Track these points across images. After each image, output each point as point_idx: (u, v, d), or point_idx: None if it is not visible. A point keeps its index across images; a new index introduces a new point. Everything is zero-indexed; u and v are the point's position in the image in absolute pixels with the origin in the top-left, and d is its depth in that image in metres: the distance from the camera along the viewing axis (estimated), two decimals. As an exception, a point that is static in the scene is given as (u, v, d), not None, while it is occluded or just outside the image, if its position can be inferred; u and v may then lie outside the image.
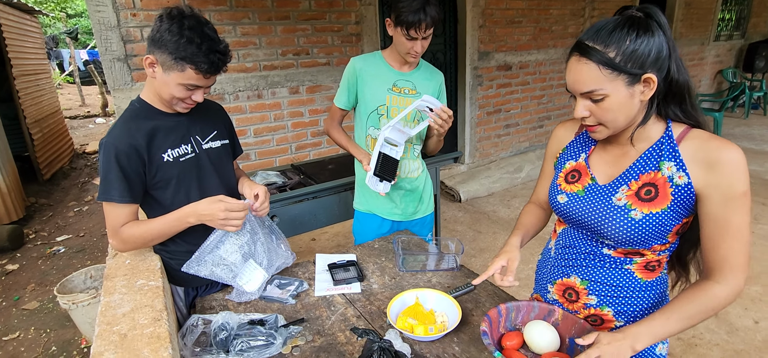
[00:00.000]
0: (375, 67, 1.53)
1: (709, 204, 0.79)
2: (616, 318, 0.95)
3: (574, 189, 0.95)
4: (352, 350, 0.99)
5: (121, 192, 1.07)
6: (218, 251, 1.19)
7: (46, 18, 12.20)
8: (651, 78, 0.77)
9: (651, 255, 0.88)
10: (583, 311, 0.98)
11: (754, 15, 7.10)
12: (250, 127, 3.14)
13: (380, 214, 1.65)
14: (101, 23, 2.49)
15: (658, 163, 0.84)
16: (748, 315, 2.27)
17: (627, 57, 0.76)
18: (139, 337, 0.86)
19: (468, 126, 4.36)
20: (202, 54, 1.02)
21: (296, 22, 3.09)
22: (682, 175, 0.81)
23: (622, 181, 0.88)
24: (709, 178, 0.78)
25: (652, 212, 0.82)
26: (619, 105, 0.79)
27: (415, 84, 1.54)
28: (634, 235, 0.85)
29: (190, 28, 1.01)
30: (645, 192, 0.84)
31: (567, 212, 0.95)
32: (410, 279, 1.29)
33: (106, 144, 1.07)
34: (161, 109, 1.16)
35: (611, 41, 0.76)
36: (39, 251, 3.50)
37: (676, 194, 0.81)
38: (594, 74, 0.78)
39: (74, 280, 2.32)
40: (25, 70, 5.04)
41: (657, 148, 0.84)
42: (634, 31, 0.76)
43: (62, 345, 2.36)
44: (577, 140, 1.00)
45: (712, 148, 0.79)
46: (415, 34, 1.37)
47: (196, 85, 1.08)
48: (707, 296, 0.81)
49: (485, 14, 4.04)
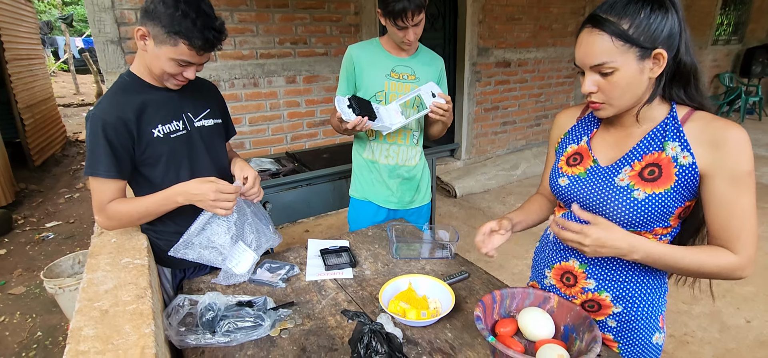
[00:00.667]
0: (372, 54, 1.51)
1: (714, 183, 0.78)
2: (614, 303, 0.93)
3: (575, 171, 0.93)
4: (342, 333, 0.97)
5: (108, 167, 1.04)
6: (206, 233, 1.16)
7: (41, 4, 12.04)
8: (662, 54, 0.76)
9: (652, 238, 0.87)
10: (581, 295, 0.96)
11: (752, 21, 7.14)
12: (246, 116, 3.10)
13: (376, 202, 1.63)
14: (95, 4, 2.44)
15: (662, 143, 0.83)
16: (740, 314, 2.27)
17: (641, 30, 0.75)
18: (121, 313, 0.84)
19: (465, 122, 4.35)
20: (197, 30, 0.99)
21: (294, 10, 3.06)
22: (686, 155, 0.80)
23: (625, 162, 0.86)
24: (715, 157, 0.78)
25: (656, 192, 0.81)
26: (628, 80, 0.78)
27: (415, 69, 1.51)
28: (637, 216, 0.83)
29: (186, 2, 0.98)
30: (649, 172, 0.83)
31: (568, 194, 0.93)
32: (403, 266, 1.27)
33: (93, 116, 1.03)
34: (152, 83, 1.12)
35: (626, 13, 0.75)
36: (27, 236, 3.44)
37: (681, 174, 0.80)
38: (606, 46, 0.76)
39: (62, 264, 2.27)
40: (18, 54, 4.96)
41: (661, 128, 0.83)
42: (649, 5, 0.75)
43: (48, 330, 2.32)
44: (578, 125, 0.99)
45: (717, 127, 0.78)
46: (403, 23, 1.35)
47: (188, 61, 1.04)
48: (724, 257, 0.79)
49: (485, 10, 4.02)
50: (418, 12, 1.33)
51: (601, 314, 0.96)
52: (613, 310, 0.94)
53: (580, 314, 0.89)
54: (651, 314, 0.93)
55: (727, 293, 2.43)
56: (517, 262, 2.83)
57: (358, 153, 1.63)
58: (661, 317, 0.96)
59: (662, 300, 0.95)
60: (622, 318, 0.94)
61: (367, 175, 1.62)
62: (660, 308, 0.95)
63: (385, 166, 1.58)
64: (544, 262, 1.04)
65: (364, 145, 1.60)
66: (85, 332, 0.78)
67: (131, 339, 0.76)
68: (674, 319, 2.24)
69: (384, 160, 1.57)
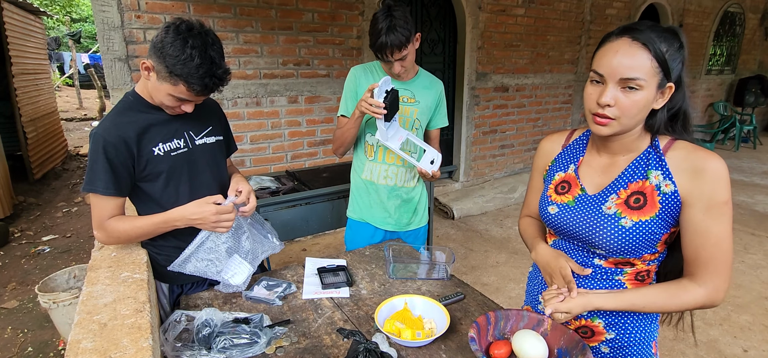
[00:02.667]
0: (374, 75, 1.56)
1: (691, 211, 0.80)
2: (607, 330, 0.94)
3: (564, 200, 0.95)
4: (337, 352, 0.97)
5: (106, 184, 1.06)
6: (203, 248, 1.17)
7: (50, 20, 12.29)
8: (671, 88, 0.79)
9: (641, 265, 0.89)
10: (574, 321, 0.97)
11: (743, 52, 7.33)
12: (247, 134, 3.14)
13: (373, 223, 1.64)
14: (105, 23, 2.51)
15: (646, 172, 0.85)
16: (737, 343, 2.26)
17: (671, 60, 0.77)
18: (120, 327, 0.84)
19: (464, 145, 4.40)
20: (197, 76, 1.01)
21: (298, 33, 3.14)
22: (668, 183, 0.82)
23: (611, 190, 0.89)
24: (694, 185, 0.80)
25: (642, 220, 0.83)
26: (645, 102, 0.78)
27: (415, 93, 1.55)
28: (625, 243, 0.85)
29: (193, 47, 0.99)
30: (634, 200, 0.85)
31: (557, 223, 0.95)
32: (400, 286, 1.28)
33: (95, 135, 1.06)
34: (155, 104, 1.16)
35: (663, 40, 0.76)
36: (23, 249, 3.42)
37: (664, 202, 0.82)
38: (645, 63, 0.76)
39: (57, 279, 2.26)
40: (25, 69, 5.04)
41: (644, 157, 0.86)
42: (674, 40, 0.78)
43: (39, 346, 2.29)
44: (564, 152, 1.01)
45: (697, 157, 0.80)
46: (387, 58, 1.41)
47: (186, 99, 1.07)
48: (684, 289, 0.82)
49: (484, 36, 4.13)
50: (399, 49, 1.38)
51: (595, 340, 0.96)
52: (607, 336, 0.95)
53: (573, 337, 0.90)
54: (643, 340, 0.94)
55: (724, 322, 2.43)
56: (514, 285, 2.83)
57: (357, 174, 1.65)
58: (654, 343, 0.97)
59: (654, 326, 0.96)
60: (615, 344, 0.95)
61: (365, 197, 1.64)
62: (652, 334, 0.96)
63: (384, 187, 1.60)
64: (537, 289, 1.06)
65: (362, 166, 1.63)
66: (84, 345, 0.79)
67: (129, 353, 0.77)
68: (671, 347, 2.22)
69: (383, 181, 1.60)
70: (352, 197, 1.70)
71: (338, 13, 3.27)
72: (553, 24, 4.58)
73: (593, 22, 4.91)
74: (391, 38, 1.35)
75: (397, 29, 1.35)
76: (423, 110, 1.57)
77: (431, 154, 1.47)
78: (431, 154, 1.47)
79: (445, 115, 1.67)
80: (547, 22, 4.52)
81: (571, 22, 4.72)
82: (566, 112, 5.12)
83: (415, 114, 1.56)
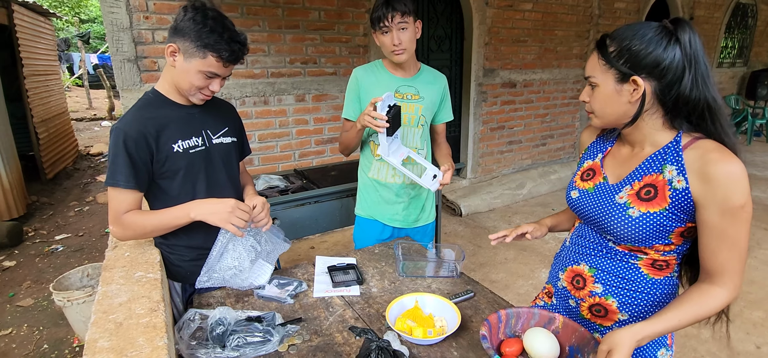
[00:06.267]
0: (376, 75, 1.55)
1: (705, 213, 0.80)
2: (620, 310, 0.94)
3: (586, 186, 0.99)
4: (349, 350, 0.98)
5: (127, 178, 1.08)
6: (226, 260, 1.19)
7: (59, 21, 12.44)
8: (637, 81, 0.82)
9: (655, 254, 0.89)
10: (588, 299, 0.98)
11: (756, 44, 7.19)
12: (255, 133, 3.16)
13: (382, 220, 1.64)
14: (114, 24, 2.54)
15: (662, 166, 0.86)
16: (749, 340, 2.23)
17: (622, 55, 0.82)
18: (135, 326, 0.86)
19: (471, 141, 4.38)
20: (224, 42, 1.06)
21: (305, 31, 3.15)
22: (681, 179, 0.82)
23: (627, 181, 0.91)
24: (705, 189, 0.79)
25: (650, 212, 0.85)
26: (605, 97, 0.87)
27: (418, 89, 1.55)
28: (631, 232, 0.87)
29: (213, 18, 1.06)
30: (645, 192, 0.87)
31: (577, 206, 1.00)
32: (410, 284, 1.28)
33: (116, 129, 1.08)
34: (175, 101, 1.17)
35: (617, 37, 0.84)
36: (37, 248, 3.49)
37: (674, 197, 0.83)
38: (593, 62, 0.88)
39: (71, 277, 2.30)
40: (36, 70, 5.11)
41: (663, 152, 0.86)
42: (649, 35, 0.80)
43: (54, 343, 2.33)
44: (597, 142, 1.04)
45: (709, 161, 0.79)
46: (386, 25, 1.38)
47: (215, 73, 1.10)
48: (713, 299, 0.82)
49: (491, 32, 4.10)
50: (400, 15, 1.37)
51: (608, 320, 0.97)
52: (619, 317, 0.95)
53: (585, 335, 0.90)
54: None
55: (737, 318, 2.40)
56: (523, 282, 2.82)
57: (364, 172, 1.66)
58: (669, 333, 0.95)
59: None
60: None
61: (373, 194, 1.64)
62: None
63: (392, 185, 1.60)
64: (559, 266, 1.08)
65: (369, 165, 1.63)
66: (100, 344, 0.80)
67: (145, 351, 0.78)
68: (683, 343, 2.20)
69: (391, 180, 1.60)
70: (359, 194, 1.70)
71: (345, 10, 3.27)
72: (561, 19, 4.53)
73: (602, 16, 4.85)
74: (393, 2, 1.36)
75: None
76: (428, 106, 1.56)
77: (432, 171, 1.46)
78: (432, 170, 1.46)
79: (450, 109, 1.66)
80: (555, 16, 4.48)
81: (580, 16, 4.67)
82: (575, 107, 5.07)
83: (420, 111, 1.55)
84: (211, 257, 1.17)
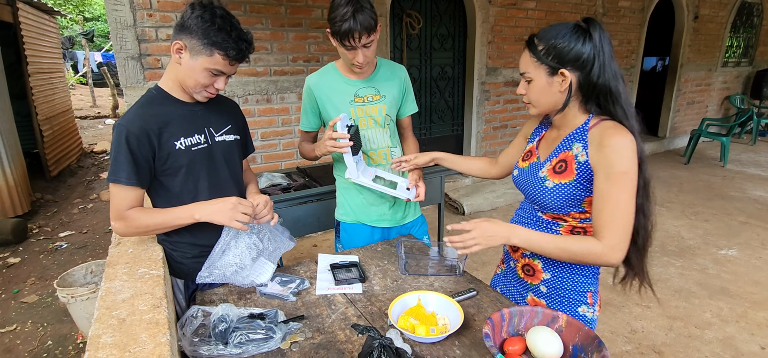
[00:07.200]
0: (331, 82, 1.45)
1: (596, 178, 0.95)
2: (544, 269, 1.11)
3: (523, 165, 1.15)
4: (351, 348, 0.98)
5: (129, 174, 1.08)
6: (228, 256, 1.18)
7: (64, 19, 12.49)
8: (565, 73, 0.95)
9: (573, 221, 1.05)
10: (521, 260, 1.17)
11: (761, 44, 7.12)
12: (258, 131, 3.17)
13: (369, 222, 1.57)
14: (118, 22, 2.54)
15: (572, 144, 1.01)
16: (754, 340, 2.22)
17: (550, 52, 0.96)
18: (138, 322, 0.86)
19: (474, 140, 4.37)
20: (232, 41, 1.06)
21: (308, 29, 3.15)
22: (583, 154, 0.97)
23: (549, 158, 1.06)
24: (598, 156, 0.94)
25: (561, 183, 1.01)
26: (540, 89, 1.00)
27: (378, 88, 1.47)
28: (548, 200, 1.03)
29: (221, 17, 1.06)
30: (558, 167, 1.02)
31: (517, 183, 1.17)
32: (412, 282, 1.28)
33: (119, 126, 1.08)
34: (178, 98, 1.17)
35: (543, 37, 0.97)
36: (41, 245, 3.51)
37: (579, 169, 0.98)
38: (526, 59, 1.01)
39: (74, 274, 2.31)
40: (41, 68, 5.14)
41: (575, 133, 1.01)
42: (568, 34, 0.94)
43: (58, 340, 2.35)
44: (537, 129, 1.20)
45: (605, 133, 0.93)
46: (351, 44, 1.27)
47: (221, 71, 1.10)
48: (587, 243, 0.96)
49: (494, 31, 4.09)
50: (367, 34, 1.25)
51: (536, 278, 1.14)
52: (544, 276, 1.12)
53: (589, 334, 0.90)
54: (576, 286, 1.08)
55: (741, 319, 2.38)
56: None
57: (341, 175, 1.55)
58: (589, 292, 1.09)
59: (589, 279, 1.09)
60: (551, 285, 1.11)
61: (358, 197, 1.56)
62: (586, 284, 1.09)
63: None
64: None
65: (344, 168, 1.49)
66: (104, 340, 0.80)
67: (148, 348, 0.79)
68: (686, 344, 2.19)
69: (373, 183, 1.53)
70: (340, 198, 1.60)
71: (347, 8, 3.26)
72: (565, 17, 4.51)
73: (606, 14, 4.83)
74: (360, 19, 1.22)
75: (365, 10, 1.23)
76: (391, 104, 1.49)
77: (405, 182, 1.46)
78: (404, 182, 1.46)
79: (413, 100, 1.58)
80: (559, 15, 4.46)
81: (583, 14, 4.64)
82: (578, 106, 5.05)
83: (383, 111, 1.47)
84: (213, 253, 1.17)
